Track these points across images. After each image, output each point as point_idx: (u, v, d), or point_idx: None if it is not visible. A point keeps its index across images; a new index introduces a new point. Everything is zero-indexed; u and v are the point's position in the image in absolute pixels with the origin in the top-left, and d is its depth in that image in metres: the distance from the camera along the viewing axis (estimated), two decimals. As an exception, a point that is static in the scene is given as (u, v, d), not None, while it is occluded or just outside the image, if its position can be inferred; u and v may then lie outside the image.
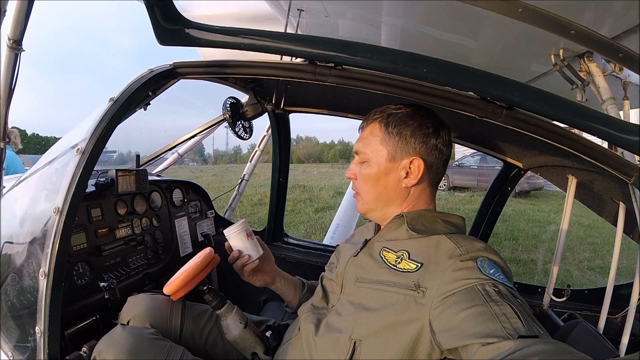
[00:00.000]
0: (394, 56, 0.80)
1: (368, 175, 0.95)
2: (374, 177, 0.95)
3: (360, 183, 0.98)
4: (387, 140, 0.92)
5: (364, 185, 0.97)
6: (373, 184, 0.95)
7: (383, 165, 0.93)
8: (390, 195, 0.95)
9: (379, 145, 0.93)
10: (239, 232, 1.05)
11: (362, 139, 0.97)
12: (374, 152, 0.94)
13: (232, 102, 1.51)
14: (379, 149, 0.93)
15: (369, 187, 0.96)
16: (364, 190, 0.98)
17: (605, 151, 0.79)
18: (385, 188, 0.95)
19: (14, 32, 0.88)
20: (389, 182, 0.94)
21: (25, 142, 44.07)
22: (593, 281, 4.32)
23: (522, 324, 0.64)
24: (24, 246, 1.00)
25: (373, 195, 0.96)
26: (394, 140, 0.92)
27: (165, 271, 1.80)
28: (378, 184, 0.95)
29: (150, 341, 0.98)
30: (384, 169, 0.93)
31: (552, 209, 8.95)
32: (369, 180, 0.96)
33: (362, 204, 1.00)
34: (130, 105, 0.98)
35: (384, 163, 0.93)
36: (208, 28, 0.92)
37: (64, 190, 0.87)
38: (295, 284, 1.20)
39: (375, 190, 0.96)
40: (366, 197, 0.98)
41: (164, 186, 1.97)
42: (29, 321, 0.90)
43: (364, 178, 0.97)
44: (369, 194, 0.97)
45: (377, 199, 0.96)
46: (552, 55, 1.11)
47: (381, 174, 0.94)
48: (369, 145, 0.95)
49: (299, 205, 9.07)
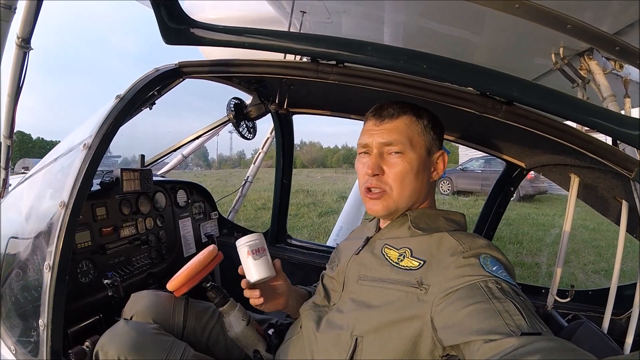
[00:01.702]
0: (395, 53, 0.81)
1: (409, 168, 0.89)
2: (415, 171, 0.89)
3: (394, 178, 0.90)
4: (424, 133, 0.92)
5: (401, 180, 0.89)
6: (413, 178, 0.90)
7: (423, 158, 0.91)
8: (423, 190, 0.93)
9: (418, 137, 0.91)
10: (241, 247, 0.96)
11: (395, 129, 0.90)
12: (414, 144, 0.90)
13: (236, 102, 1.53)
14: (419, 141, 0.91)
15: (408, 181, 0.89)
16: (400, 185, 0.89)
17: (605, 146, 0.79)
18: (422, 183, 0.92)
19: (23, 31, 0.90)
20: (424, 177, 0.93)
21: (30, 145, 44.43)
22: (598, 284, 4.27)
23: (525, 321, 0.64)
24: (29, 241, 1.02)
25: (410, 191, 0.90)
26: (429, 134, 0.92)
27: (168, 271, 1.81)
28: (417, 178, 0.90)
29: (152, 336, 0.98)
30: (424, 162, 0.91)
31: (557, 212, 8.88)
32: (410, 173, 0.89)
33: (392, 202, 0.91)
34: (136, 103, 1.00)
35: (424, 156, 0.91)
36: (213, 27, 0.94)
37: (70, 184, 0.88)
38: (304, 298, 1.12)
39: (413, 186, 0.90)
40: (401, 192, 0.90)
41: (168, 187, 1.99)
42: (33, 315, 0.91)
43: (402, 172, 0.89)
44: (405, 189, 0.90)
45: (412, 194, 0.91)
46: (553, 54, 1.12)
47: (421, 168, 0.91)
48: (407, 135, 0.90)
49: (303, 209, 9.07)
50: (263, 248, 0.97)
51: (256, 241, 0.96)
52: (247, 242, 0.95)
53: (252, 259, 0.95)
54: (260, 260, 0.96)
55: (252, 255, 0.95)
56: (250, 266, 0.95)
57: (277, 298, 1.03)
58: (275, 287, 1.03)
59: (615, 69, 1.03)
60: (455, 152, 21.42)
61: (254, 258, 0.95)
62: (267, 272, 0.96)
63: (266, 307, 1.00)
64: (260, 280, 0.96)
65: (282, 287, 1.04)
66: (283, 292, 1.04)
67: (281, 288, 1.04)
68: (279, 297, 1.03)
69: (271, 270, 0.97)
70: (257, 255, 0.95)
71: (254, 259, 0.95)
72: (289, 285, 1.06)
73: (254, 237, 0.96)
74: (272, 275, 0.98)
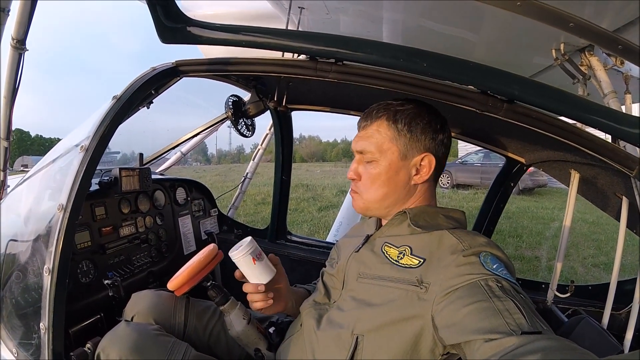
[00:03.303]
0: (394, 51, 0.80)
1: (377, 174, 0.92)
2: (384, 177, 0.91)
3: (366, 183, 0.94)
4: (397, 138, 0.90)
5: (371, 185, 0.93)
6: (382, 183, 0.92)
7: (395, 163, 0.90)
8: (399, 193, 0.93)
9: (388, 143, 0.90)
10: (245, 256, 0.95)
11: (367, 137, 0.93)
12: (384, 150, 0.91)
13: (235, 100, 1.52)
14: (389, 147, 0.90)
15: (377, 186, 0.92)
16: (371, 189, 0.93)
17: (606, 144, 0.79)
18: (396, 187, 0.92)
19: (18, 32, 0.89)
20: (399, 181, 0.92)
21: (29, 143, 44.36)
22: (597, 278, 4.29)
23: (526, 320, 0.64)
24: (28, 244, 1.01)
25: (381, 195, 0.93)
26: (404, 137, 0.90)
27: (169, 269, 1.82)
28: (388, 183, 0.92)
29: (154, 337, 0.99)
30: (395, 167, 0.91)
31: (556, 206, 8.90)
32: (378, 179, 0.92)
33: (364, 203, 0.96)
34: (133, 103, 0.99)
35: (395, 162, 0.90)
36: (210, 26, 0.93)
37: (68, 187, 0.88)
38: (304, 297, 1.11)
39: (384, 190, 0.92)
40: (372, 196, 0.93)
41: (168, 185, 1.98)
42: (34, 318, 0.91)
43: (372, 178, 0.92)
44: (376, 193, 0.93)
45: (385, 198, 0.93)
46: (553, 50, 1.11)
47: (392, 173, 0.91)
48: (376, 143, 0.91)
49: (303, 204, 9.07)
50: (260, 250, 0.97)
51: (254, 246, 0.95)
52: (248, 250, 0.94)
53: (259, 263, 0.95)
54: (264, 262, 0.96)
55: (258, 260, 0.95)
56: (260, 270, 0.95)
57: (278, 299, 1.03)
58: (276, 289, 1.03)
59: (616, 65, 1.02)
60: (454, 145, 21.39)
61: (259, 262, 0.95)
62: (272, 271, 0.98)
63: (267, 310, 1.01)
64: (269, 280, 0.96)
65: (282, 289, 1.04)
66: (283, 293, 1.05)
67: (282, 289, 1.04)
68: (280, 298, 1.04)
69: (272, 270, 0.98)
70: (259, 258, 0.96)
71: (259, 262, 0.95)
72: (287, 285, 1.07)
73: (250, 243, 0.95)
74: (275, 273, 0.99)
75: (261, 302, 0.98)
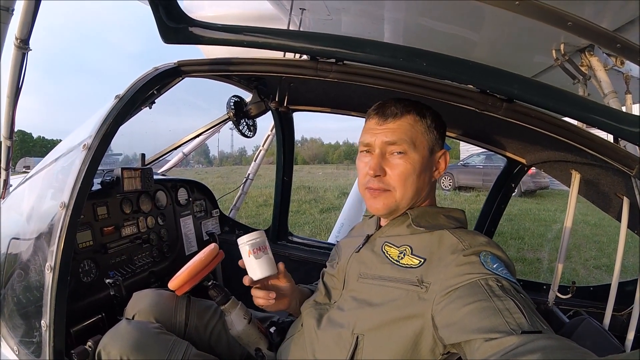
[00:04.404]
0: (394, 51, 0.81)
1: (411, 169, 0.89)
2: (418, 171, 0.89)
3: (396, 178, 0.89)
4: (427, 132, 0.91)
5: (404, 180, 0.89)
6: (416, 178, 0.89)
7: (426, 158, 0.91)
8: (424, 189, 0.93)
9: (420, 137, 0.90)
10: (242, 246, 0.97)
11: (398, 129, 0.89)
12: (418, 144, 0.90)
13: (236, 100, 1.53)
14: (422, 142, 0.90)
15: (411, 182, 0.89)
16: (403, 185, 0.89)
17: (606, 143, 0.79)
18: (424, 183, 0.92)
19: (21, 32, 0.90)
20: (426, 177, 0.93)
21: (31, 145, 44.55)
22: (599, 279, 4.27)
23: (526, 320, 0.64)
24: (30, 242, 1.02)
25: (412, 191, 0.90)
26: (432, 134, 0.92)
27: (170, 269, 1.81)
28: (419, 178, 0.90)
29: (155, 335, 0.99)
30: (426, 162, 0.91)
31: (558, 208, 8.87)
32: (412, 174, 0.89)
33: (394, 201, 0.91)
34: (136, 102, 1.00)
35: (426, 156, 0.91)
36: (211, 26, 0.93)
37: (70, 185, 0.88)
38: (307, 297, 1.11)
39: (416, 186, 0.90)
40: (404, 193, 0.90)
41: (169, 185, 1.99)
42: (35, 316, 0.92)
43: (405, 172, 0.89)
44: (408, 189, 0.90)
45: (414, 194, 0.91)
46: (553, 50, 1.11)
47: (423, 168, 0.90)
48: (411, 136, 0.89)
49: (304, 206, 9.06)
50: (264, 246, 0.96)
51: (257, 239, 0.96)
52: (248, 241, 0.95)
53: (253, 258, 0.95)
54: (262, 259, 0.95)
55: (254, 254, 0.95)
56: (253, 264, 0.95)
57: (281, 298, 1.02)
58: (279, 288, 1.03)
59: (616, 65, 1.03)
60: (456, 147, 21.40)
61: (256, 257, 0.95)
62: (269, 270, 0.96)
63: (270, 307, 1.00)
64: (262, 278, 0.96)
65: (286, 289, 1.04)
66: (287, 293, 1.04)
67: (285, 289, 1.04)
68: (283, 297, 1.03)
69: (273, 268, 0.97)
70: (259, 254, 0.95)
71: (255, 257, 0.95)
72: (292, 286, 1.06)
73: (255, 235, 0.96)
74: (274, 273, 0.98)
75: (262, 300, 0.97)
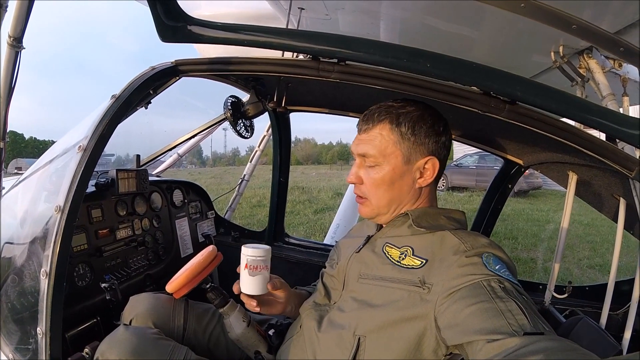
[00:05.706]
0: (398, 51, 0.80)
1: (381, 179, 0.90)
2: (388, 181, 0.90)
3: (369, 188, 0.92)
4: (401, 141, 0.88)
5: (375, 190, 0.91)
6: (387, 188, 0.90)
7: (398, 168, 0.89)
8: (404, 197, 0.92)
9: (392, 147, 0.88)
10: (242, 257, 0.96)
11: (369, 141, 0.90)
12: (387, 155, 0.88)
13: (234, 100, 1.51)
14: (393, 151, 0.88)
15: (382, 191, 0.91)
16: (375, 195, 0.91)
17: (606, 145, 0.79)
18: (400, 191, 0.91)
19: (15, 30, 0.87)
20: (403, 185, 0.91)
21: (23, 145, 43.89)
22: (593, 279, 4.33)
23: (528, 321, 0.64)
24: (24, 246, 0.99)
25: (387, 200, 0.91)
26: (408, 141, 0.88)
27: (166, 272, 1.80)
28: (392, 187, 0.90)
29: (153, 341, 0.97)
30: (399, 172, 0.89)
31: (551, 208, 8.97)
32: (382, 184, 0.90)
33: (372, 209, 0.94)
34: (132, 102, 0.98)
35: (399, 166, 0.89)
36: (210, 25, 0.92)
37: (65, 188, 0.86)
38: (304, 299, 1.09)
39: (389, 195, 0.91)
40: (378, 202, 0.92)
41: (164, 187, 1.97)
42: (30, 322, 0.89)
43: (375, 183, 0.90)
44: (382, 198, 0.91)
45: (390, 202, 0.92)
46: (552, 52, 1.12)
47: (396, 178, 0.89)
48: (379, 147, 0.89)
49: (298, 206, 9.04)
50: (264, 266, 0.95)
51: (258, 258, 0.94)
52: (250, 255, 0.94)
53: (247, 273, 0.95)
54: (256, 278, 0.95)
55: (249, 269, 0.94)
56: (244, 279, 0.95)
57: (275, 304, 1.03)
58: (273, 296, 1.02)
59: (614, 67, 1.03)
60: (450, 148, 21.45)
61: (250, 273, 0.95)
62: (258, 290, 0.96)
63: (263, 311, 1.01)
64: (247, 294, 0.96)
65: (280, 297, 1.03)
66: (281, 301, 1.04)
67: (280, 297, 1.03)
68: (277, 304, 1.03)
69: (263, 289, 0.96)
70: (254, 272, 0.95)
71: (249, 273, 0.95)
72: (288, 294, 1.05)
73: (258, 252, 0.95)
74: (263, 293, 0.97)
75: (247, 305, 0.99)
